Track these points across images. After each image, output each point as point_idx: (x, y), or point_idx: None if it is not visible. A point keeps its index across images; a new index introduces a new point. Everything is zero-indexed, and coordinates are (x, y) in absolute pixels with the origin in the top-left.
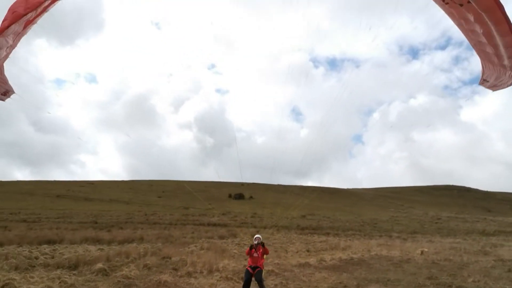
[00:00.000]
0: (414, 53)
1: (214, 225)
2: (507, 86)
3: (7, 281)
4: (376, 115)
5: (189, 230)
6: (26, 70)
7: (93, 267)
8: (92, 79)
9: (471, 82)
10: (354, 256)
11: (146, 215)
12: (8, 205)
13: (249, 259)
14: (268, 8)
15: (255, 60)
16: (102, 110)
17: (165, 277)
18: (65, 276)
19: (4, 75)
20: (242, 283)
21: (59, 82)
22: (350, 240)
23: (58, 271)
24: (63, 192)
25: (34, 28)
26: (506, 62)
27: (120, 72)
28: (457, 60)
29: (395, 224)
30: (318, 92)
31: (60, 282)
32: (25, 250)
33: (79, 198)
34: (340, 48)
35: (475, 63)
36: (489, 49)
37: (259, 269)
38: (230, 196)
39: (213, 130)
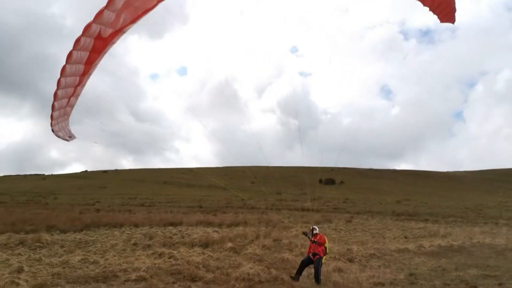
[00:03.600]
0: None
1: (308, 210)
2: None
3: (171, 254)
4: (479, 87)
5: (285, 215)
6: (123, 64)
7: (224, 245)
8: (183, 72)
9: None
10: (454, 243)
11: (243, 200)
12: (126, 191)
13: (310, 247)
14: None
15: (338, 38)
16: (191, 98)
17: (285, 255)
18: (205, 252)
19: (68, 121)
20: (347, 263)
21: (153, 77)
22: (450, 227)
23: (196, 248)
24: (168, 179)
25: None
26: None
27: (206, 61)
28: None
29: (504, 211)
30: (410, 67)
31: (207, 256)
32: (158, 231)
33: (183, 184)
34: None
35: None
36: None
37: (318, 256)
38: (320, 181)
39: (297, 113)
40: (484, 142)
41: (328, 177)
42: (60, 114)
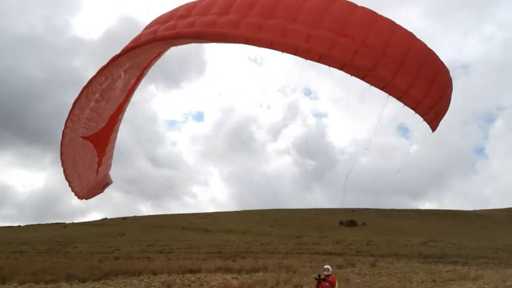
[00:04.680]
0: None
1: (330, 253)
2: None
3: None
4: (499, 122)
5: (306, 259)
6: (142, 113)
7: None
8: (199, 117)
9: None
10: (486, 286)
11: (262, 244)
12: (145, 238)
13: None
14: None
15: (350, 80)
16: (208, 143)
17: None
18: None
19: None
20: None
21: (171, 123)
22: (481, 269)
23: None
24: (187, 224)
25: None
26: None
27: (222, 107)
28: None
29: None
30: None
31: None
32: (177, 279)
33: (201, 229)
34: (446, 53)
35: None
36: None
37: None
38: (341, 223)
39: (314, 154)
40: (510, 179)
41: (349, 219)
42: (90, 183)
